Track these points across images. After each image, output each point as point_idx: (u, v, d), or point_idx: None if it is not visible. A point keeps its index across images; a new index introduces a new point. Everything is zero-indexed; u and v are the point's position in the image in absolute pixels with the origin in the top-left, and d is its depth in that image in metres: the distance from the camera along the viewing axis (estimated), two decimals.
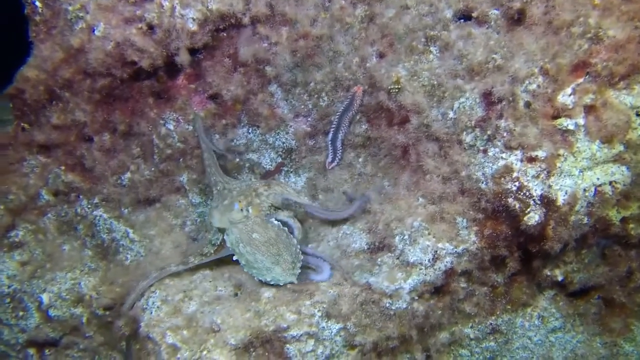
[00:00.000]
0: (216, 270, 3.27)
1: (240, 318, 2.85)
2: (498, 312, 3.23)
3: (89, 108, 3.26)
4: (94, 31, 3.01)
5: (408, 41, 3.05)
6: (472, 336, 3.25)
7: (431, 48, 3.01)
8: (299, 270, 2.92)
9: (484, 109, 2.83)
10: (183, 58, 3.08)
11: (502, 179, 2.75)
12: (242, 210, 3.00)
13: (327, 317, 2.84)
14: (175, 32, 3.02)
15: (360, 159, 3.40)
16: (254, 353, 2.78)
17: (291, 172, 3.61)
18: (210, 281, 3.20)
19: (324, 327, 2.82)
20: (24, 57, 3.16)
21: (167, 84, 3.33)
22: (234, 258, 3.03)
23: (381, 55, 3.18)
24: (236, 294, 3.10)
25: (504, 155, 2.77)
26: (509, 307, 3.22)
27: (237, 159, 3.60)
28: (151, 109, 3.39)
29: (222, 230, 3.12)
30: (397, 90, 3.03)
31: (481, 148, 2.84)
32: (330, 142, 3.39)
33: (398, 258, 2.91)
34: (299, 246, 2.97)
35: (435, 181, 2.95)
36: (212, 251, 3.16)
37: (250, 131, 3.54)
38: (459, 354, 3.27)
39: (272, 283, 2.94)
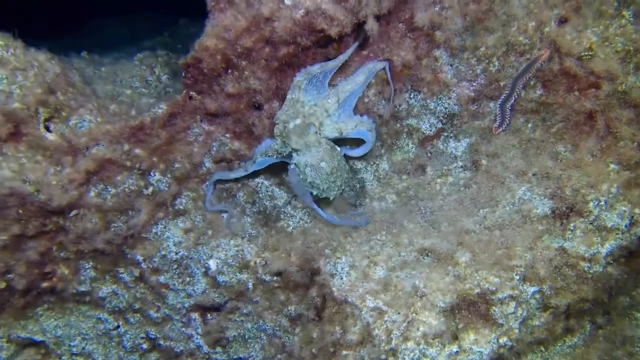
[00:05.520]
0: (395, 236, 3.32)
1: (441, 282, 2.93)
2: None
3: (265, 76, 3.25)
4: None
5: (596, 5, 3.03)
6: None
7: (624, 12, 2.99)
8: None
9: None
10: (372, 26, 3.05)
11: None
12: (317, 133, 3.17)
13: (524, 280, 2.92)
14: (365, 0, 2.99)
15: (529, 124, 3.40)
16: (458, 315, 2.87)
17: (451, 137, 3.62)
18: (391, 247, 3.26)
19: (521, 290, 2.91)
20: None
21: (340, 50, 3.31)
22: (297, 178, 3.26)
23: (562, 20, 3.15)
24: (418, 260, 3.16)
25: None
26: None
27: (398, 125, 3.61)
28: None
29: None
30: (589, 57, 3.02)
31: None
32: (499, 106, 3.39)
33: (592, 223, 2.97)
34: (349, 171, 3.33)
35: (630, 147, 2.98)
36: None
37: (411, 96, 3.54)
38: (634, 317, 3.36)
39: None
